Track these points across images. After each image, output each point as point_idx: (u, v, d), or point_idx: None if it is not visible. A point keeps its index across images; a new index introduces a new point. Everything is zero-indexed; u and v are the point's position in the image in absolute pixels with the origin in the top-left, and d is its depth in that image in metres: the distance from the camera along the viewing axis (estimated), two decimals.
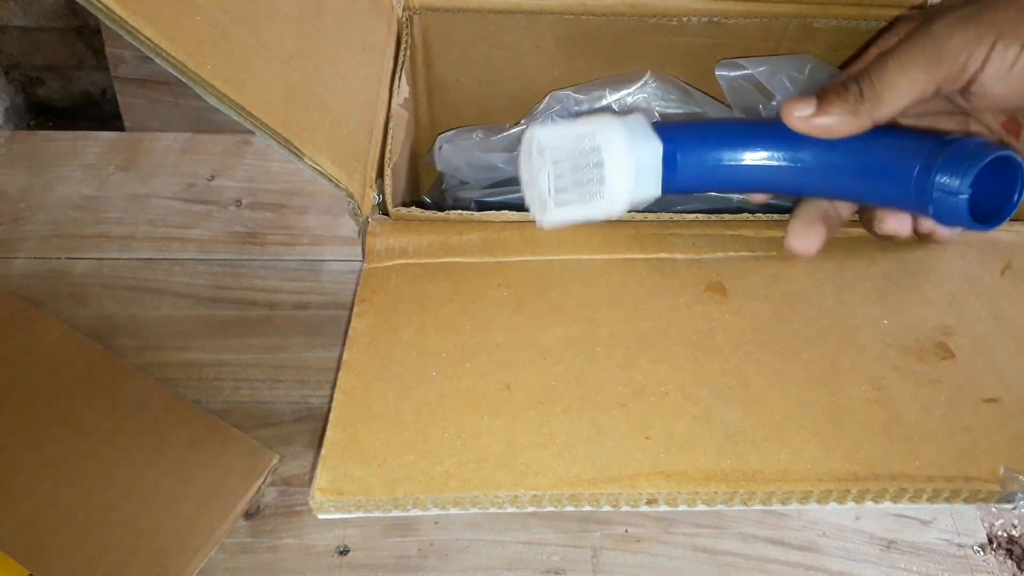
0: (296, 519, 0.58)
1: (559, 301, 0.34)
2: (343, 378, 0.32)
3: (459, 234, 0.37)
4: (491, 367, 0.32)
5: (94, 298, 0.67)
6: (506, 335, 0.33)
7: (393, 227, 0.38)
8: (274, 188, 0.73)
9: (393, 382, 0.31)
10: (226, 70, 0.32)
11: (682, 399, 0.31)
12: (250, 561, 0.56)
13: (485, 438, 0.30)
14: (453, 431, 0.30)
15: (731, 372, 0.32)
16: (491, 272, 0.36)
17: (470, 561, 0.57)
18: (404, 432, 0.30)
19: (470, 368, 0.32)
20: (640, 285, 0.35)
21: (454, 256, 0.36)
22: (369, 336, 0.34)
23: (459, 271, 0.36)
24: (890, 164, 0.31)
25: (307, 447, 0.61)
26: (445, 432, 0.30)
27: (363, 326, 0.34)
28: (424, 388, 0.31)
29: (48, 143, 0.76)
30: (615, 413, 0.30)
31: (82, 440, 0.58)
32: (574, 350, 0.32)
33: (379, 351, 0.33)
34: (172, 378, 0.63)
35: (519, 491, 0.28)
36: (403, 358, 0.32)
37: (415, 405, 0.31)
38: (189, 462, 0.58)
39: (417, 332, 0.33)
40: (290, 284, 0.69)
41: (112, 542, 0.54)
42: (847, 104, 0.31)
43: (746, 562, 0.57)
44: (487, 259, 0.36)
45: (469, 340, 0.33)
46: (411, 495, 0.28)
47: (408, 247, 0.37)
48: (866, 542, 0.59)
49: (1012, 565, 0.59)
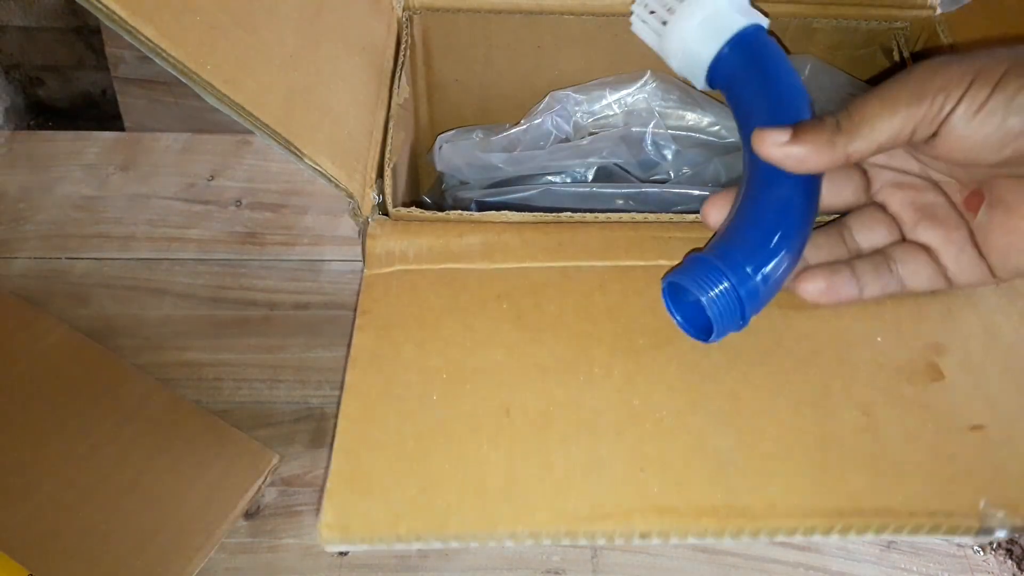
0: (296, 519, 0.58)
1: (557, 315, 0.35)
2: (346, 402, 0.32)
3: (459, 236, 0.37)
4: (491, 389, 0.32)
5: (94, 298, 0.67)
6: (505, 352, 0.33)
7: (393, 228, 0.38)
8: (274, 188, 0.73)
9: (395, 404, 0.32)
10: (226, 70, 0.32)
11: (676, 426, 0.31)
12: (250, 561, 0.56)
13: (485, 468, 0.30)
14: (454, 461, 0.30)
15: (725, 395, 0.32)
16: (491, 281, 0.36)
17: (470, 561, 0.57)
18: (406, 462, 0.30)
19: (470, 390, 0.32)
20: (639, 296, 0.35)
21: (454, 262, 0.36)
22: (371, 353, 0.34)
23: (459, 279, 0.36)
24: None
25: (307, 447, 0.61)
26: (446, 463, 0.30)
27: (365, 342, 0.34)
28: (426, 413, 0.32)
29: (48, 143, 0.76)
30: (612, 442, 0.31)
31: (82, 440, 0.58)
32: (572, 371, 0.33)
33: (381, 371, 0.33)
34: (172, 378, 0.63)
35: (518, 528, 0.29)
36: (405, 379, 0.33)
37: (417, 432, 0.31)
38: (189, 462, 0.58)
39: (418, 348, 0.34)
40: (290, 284, 0.69)
41: (112, 542, 0.54)
42: (822, 135, 0.30)
43: (746, 562, 0.57)
44: (487, 265, 0.36)
45: (469, 358, 0.33)
46: (414, 531, 0.29)
47: (408, 251, 0.37)
48: (866, 542, 0.59)
49: (1012, 565, 0.59)
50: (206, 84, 0.32)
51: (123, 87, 0.80)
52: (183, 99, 0.79)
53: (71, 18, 0.83)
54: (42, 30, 0.84)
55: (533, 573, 0.56)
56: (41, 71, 0.88)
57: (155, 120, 0.81)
